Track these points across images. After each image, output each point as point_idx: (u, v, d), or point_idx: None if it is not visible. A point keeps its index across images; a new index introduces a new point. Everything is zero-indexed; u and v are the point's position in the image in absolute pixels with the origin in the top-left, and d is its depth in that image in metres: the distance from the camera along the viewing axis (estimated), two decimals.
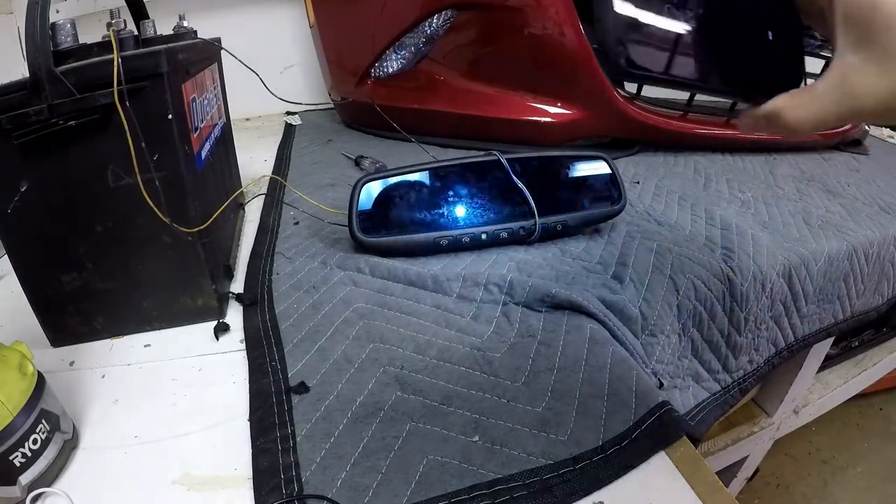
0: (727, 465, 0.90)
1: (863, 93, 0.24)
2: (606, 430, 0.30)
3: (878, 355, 1.01)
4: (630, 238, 0.51)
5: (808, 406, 0.92)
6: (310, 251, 0.51)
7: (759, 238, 0.53)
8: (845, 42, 0.25)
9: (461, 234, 0.48)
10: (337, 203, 0.60)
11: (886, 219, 0.62)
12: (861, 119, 0.26)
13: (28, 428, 0.28)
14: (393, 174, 0.48)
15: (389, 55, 0.86)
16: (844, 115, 0.26)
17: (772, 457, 1.17)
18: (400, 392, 0.34)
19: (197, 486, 0.29)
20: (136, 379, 0.37)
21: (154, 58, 0.34)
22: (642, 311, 0.43)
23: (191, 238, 0.39)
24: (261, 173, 0.77)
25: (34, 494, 0.28)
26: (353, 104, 0.97)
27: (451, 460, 0.28)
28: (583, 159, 0.51)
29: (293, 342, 0.39)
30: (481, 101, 0.79)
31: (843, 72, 0.25)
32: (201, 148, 0.44)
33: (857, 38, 0.24)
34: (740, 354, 0.52)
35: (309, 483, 0.28)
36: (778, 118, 0.27)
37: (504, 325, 0.39)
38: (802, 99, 0.26)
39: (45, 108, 0.32)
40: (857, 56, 0.24)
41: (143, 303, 0.41)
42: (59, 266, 0.38)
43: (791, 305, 0.54)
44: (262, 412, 0.33)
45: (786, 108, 0.27)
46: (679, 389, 0.48)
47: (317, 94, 1.26)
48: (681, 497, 0.27)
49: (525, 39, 0.72)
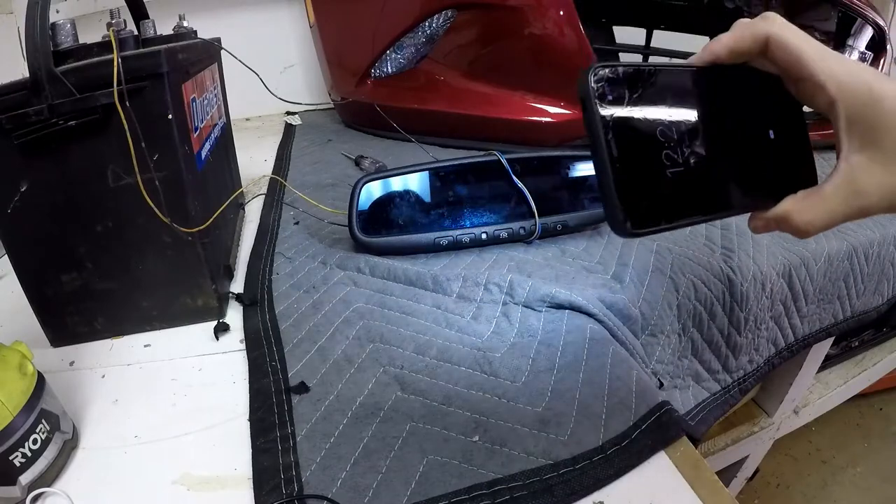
0: (727, 465, 0.90)
1: (870, 192, 0.25)
2: (606, 430, 0.30)
3: (878, 355, 1.01)
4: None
5: (808, 406, 0.92)
6: (310, 251, 0.51)
7: (759, 238, 0.53)
8: (850, 144, 0.25)
9: (461, 234, 0.48)
10: (337, 203, 0.60)
11: (886, 219, 0.62)
12: (869, 215, 0.26)
13: (28, 428, 0.28)
14: (393, 174, 0.48)
15: (389, 55, 0.86)
16: (852, 214, 0.26)
17: (772, 457, 1.17)
18: (400, 392, 0.34)
19: (197, 486, 0.29)
20: (136, 379, 0.37)
21: (154, 58, 0.34)
22: (642, 311, 0.43)
23: (191, 238, 0.39)
24: (261, 173, 0.77)
25: (34, 494, 0.28)
26: (353, 104, 0.97)
27: (451, 460, 0.28)
28: (583, 159, 0.51)
29: (293, 342, 0.39)
30: (481, 101, 0.79)
31: (849, 173, 0.25)
32: (201, 148, 0.44)
33: (861, 139, 0.24)
34: (740, 354, 0.52)
35: (309, 483, 0.28)
36: (787, 222, 0.27)
37: (504, 325, 0.39)
38: (810, 202, 0.26)
39: (45, 108, 0.32)
40: (862, 156, 0.25)
41: (143, 303, 0.41)
42: (59, 266, 0.38)
43: (791, 305, 0.54)
44: (262, 412, 0.33)
45: (794, 212, 0.26)
46: (679, 389, 0.48)
47: (317, 94, 1.26)
48: (681, 497, 0.27)
49: (525, 39, 0.72)
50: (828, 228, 0.27)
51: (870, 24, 0.78)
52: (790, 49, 0.25)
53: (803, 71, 0.25)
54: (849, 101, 0.24)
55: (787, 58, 0.25)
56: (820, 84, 0.25)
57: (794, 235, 0.27)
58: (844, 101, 0.24)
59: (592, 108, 0.22)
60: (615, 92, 0.23)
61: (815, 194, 0.26)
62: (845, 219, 0.26)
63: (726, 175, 0.26)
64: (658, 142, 0.24)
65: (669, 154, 0.24)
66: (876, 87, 0.24)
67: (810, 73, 0.25)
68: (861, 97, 0.24)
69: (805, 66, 0.25)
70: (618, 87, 0.23)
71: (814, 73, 0.25)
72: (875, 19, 0.77)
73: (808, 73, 0.25)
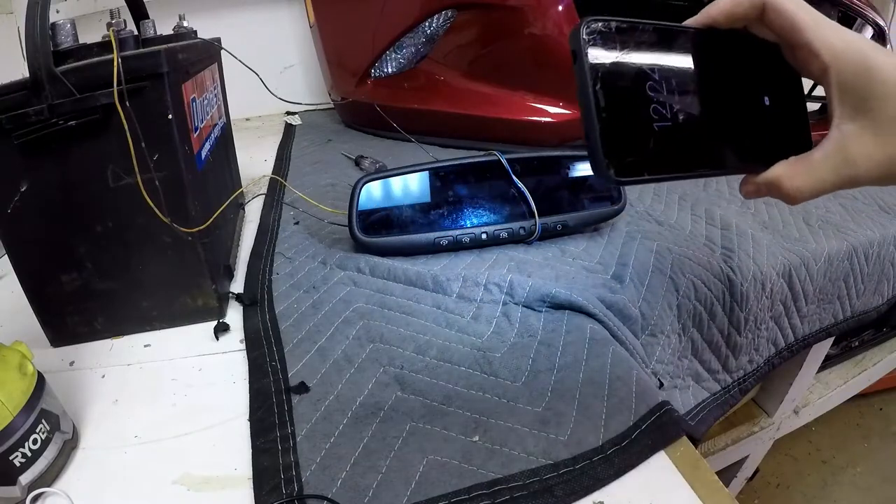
0: (727, 465, 0.90)
1: (860, 161, 0.25)
2: (606, 429, 0.30)
3: (878, 355, 1.01)
4: (630, 238, 0.51)
5: (808, 406, 0.92)
6: (310, 251, 0.51)
7: (759, 238, 0.53)
8: (842, 111, 0.25)
9: (461, 234, 0.48)
10: (337, 203, 0.60)
11: (886, 219, 0.62)
12: (858, 185, 0.26)
13: (28, 428, 0.28)
14: (393, 174, 0.48)
15: (389, 55, 0.86)
16: (841, 183, 0.26)
17: (772, 457, 1.17)
18: (400, 392, 0.34)
19: (197, 486, 0.29)
20: (136, 379, 0.37)
21: (154, 58, 0.34)
22: (642, 311, 0.43)
23: (191, 238, 0.39)
24: (261, 173, 0.77)
25: (34, 494, 0.28)
26: (353, 104, 0.97)
27: (451, 460, 0.28)
28: (583, 159, 0.51)
29: (293, 342, 0.39)
30: (481, 101, 0.79)
31: (839, 140, 0.25)
32: (201, 148, 0.44)
33: (852, 107, 0.24)
34: (740, 354, 0.52)
35: (309, 483, 0.28)
36: (777, 187, 0.27)
37: (504, 325, 0.39)
38: (800, 168, 0.26)
39: (45, 108, 0.32)
40: (853, 125, 0.25)
41: (143, 303, 0.41)
42: (59, 266, 0.38)
43: (791, 305, 0.54)
44: (262, 412, 0.33)
45: (784, 177, 0.27)
46: (679, 389, 0.48)
47: (317, 94, 1.26)
48: (681, 497, 0.27)
49: (525, 39, 0.72)
50: (816, 196, 0.27)
51: (870, 23, 0.78)
52: (786, 15, 0.25)
53: (798, 37, 0.25)
54: (842, 69, 0.24)
55: (782, 24, 0.25)
56: (814, 51, 0.25)
57: (783, 201, 0.28)
58: (837, 69, 0.24)
59: (582, 58, 0.23)
60: (606, 45, 0.23)
61: (806, 160, 0.26)
62: (834, 187, 0.26)
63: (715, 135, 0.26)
64: (647, 96, 0.24)
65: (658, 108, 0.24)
66: (871, 57, 0.24)
67: (805, 39, 0.25)
68: (855, 66, 0.24)
69: (800, 32, 0.25)
70: (609, 40, 0.24)
71: (808, 41, 0.25)
72: (875, 19, 0.77)
73: (803, 40, 0.25)
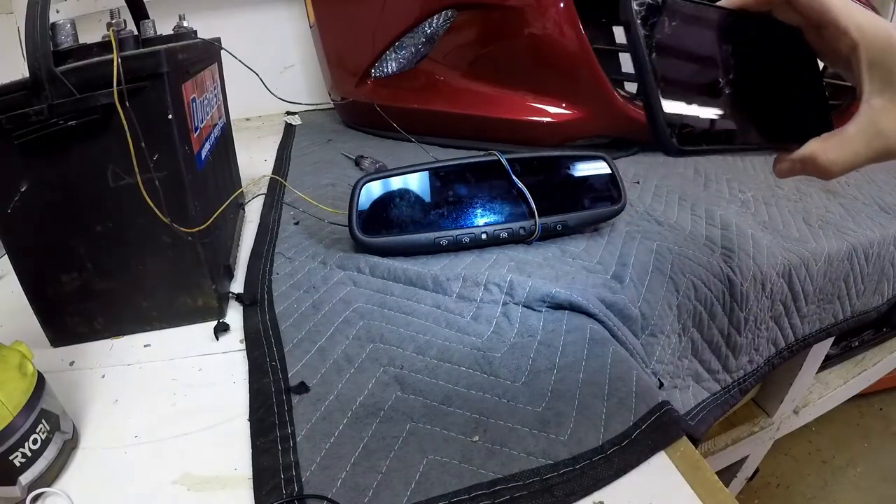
0: (727, 465, 0.90)
1: (890, 133, 0.26)
2: (606, 430, 0.30)
3: (878, 355, 1.01)
4: (630, 238, 0.51)
5: (808, 406, 0.92)
6: (310, 251, 0.51)
7: (759, 238, 0.53)
8: (871, 86, 0.26)
9: (461, 234, 0.48)
10: (337, 203, 0.60)
11: (886, 219, 0.62)
12: (891, 157, 0.27)
13: (28, 428, 0.28)
14: (393, 174, 0.48)
15: (389, 55, 0.86)
16: (874, 156, 0.27)
17: (772, 457, 1.17)
18: (400, 392, 0.34)
19: (197, 486, 0.29)
20: (136, 379, 0.37)
21: (154, 58, 0.34)
22: (642, 311, 0.43)
23: (191, 238, 0.39)
24: (261, 173, 0.77)
25: (34, 494, 0.28)
26: (353, 104, 0.98)
27: (451, 460, 0.28)
28: (583, 159, 0.51)
29: (293, 342, 0.39)
30: (481, 101, 0.79)
31: (871, 114, 0.26)
32: (201, 148, 0.44)
33: (881, 82, 0.26)
34: (740, 354, 0.52)
35: (309, 483, 0.28)
36: (813, 162, 0.28)
37: (504, 325, 0.39)
38: (834, 142, 0.28)
39: (45, 108, 0.32)
40: (882, 98, 0.26)
41: (143, 303, 0.41)
42: (59, 266, 0.38)
43: (791, 305, 0.54)
44: (262, 412, 0.33)
45: (819, 152, 0.28)
46: (679, 389, 0.48)
47: (317, 94, 1.26)
48: (681, 497, 0.27)
49: (525, 39, 0.72)
50: (850, 169, 0.28)
51: None
52: None
53: (827, 16, 0.27)
54: (870, 45, 0.26)
55: (811, 3, 0.27)
56: (843, 29, 0.26)
57: (818, 177, 0.29)
58: (866, 45, 0.26)
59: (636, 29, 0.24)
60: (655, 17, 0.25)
61: (839, 135, 0.28)
62: (867, 160, 0.27)
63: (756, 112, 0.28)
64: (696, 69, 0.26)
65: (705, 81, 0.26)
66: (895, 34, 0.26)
67: (834, 17, 0.26)
68: (881, 42, 0.26)
69: (828, 12, 0.27)
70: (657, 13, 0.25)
71: (837, 18, 0.26)
72: None
73: (832, 18, 0.26)
